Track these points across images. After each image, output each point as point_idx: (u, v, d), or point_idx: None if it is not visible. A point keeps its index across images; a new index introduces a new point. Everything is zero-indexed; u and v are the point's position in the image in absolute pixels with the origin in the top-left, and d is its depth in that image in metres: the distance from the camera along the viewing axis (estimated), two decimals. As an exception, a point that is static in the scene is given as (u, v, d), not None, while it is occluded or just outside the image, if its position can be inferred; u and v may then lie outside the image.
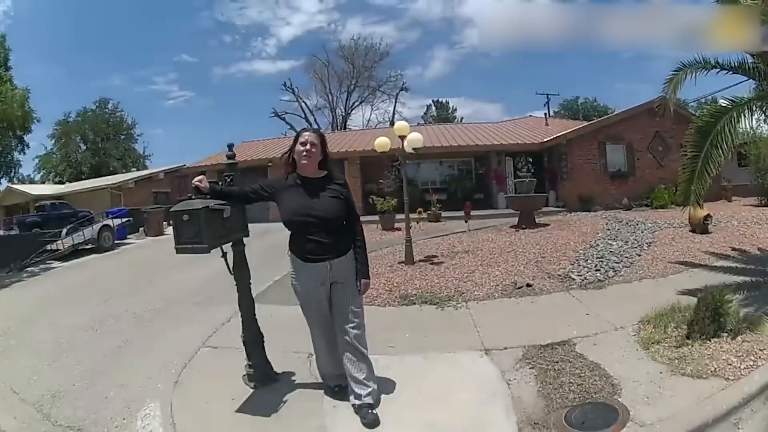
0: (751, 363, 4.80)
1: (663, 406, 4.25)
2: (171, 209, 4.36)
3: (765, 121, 21.31)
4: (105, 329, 7.53)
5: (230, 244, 4.85)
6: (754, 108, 7.60)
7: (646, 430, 3.96)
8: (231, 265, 4.95)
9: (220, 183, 4.73)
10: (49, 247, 16.59)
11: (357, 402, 4.37)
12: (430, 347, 6.01)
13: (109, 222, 19.68)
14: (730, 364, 4.82)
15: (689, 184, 7.62)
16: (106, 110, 55.71)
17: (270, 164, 23.80)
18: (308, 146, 4.23)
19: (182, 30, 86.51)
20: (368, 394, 4.36)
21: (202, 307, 7.86)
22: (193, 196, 4.27)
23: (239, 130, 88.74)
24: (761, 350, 5.02)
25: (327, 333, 4.56)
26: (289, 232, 4.39)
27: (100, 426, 4.49)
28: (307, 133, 4.35)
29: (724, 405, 4.16)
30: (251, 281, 5.16)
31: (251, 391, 4.93)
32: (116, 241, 19.29)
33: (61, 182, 45.67)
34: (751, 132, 20.10)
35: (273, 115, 52.68)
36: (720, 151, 7.17)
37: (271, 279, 9.52)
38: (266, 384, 5.03)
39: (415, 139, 11.27)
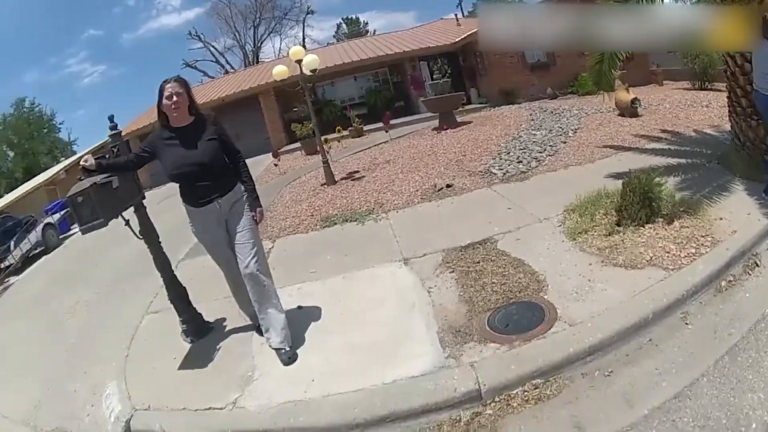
0: (693, 251, 4.38)
1: (594, 301, 3.93)
2: (66, 197, 4.49)
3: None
4: (64, 327, 7.23)
5: (132, 210, 4.87)
6: None
7: (577, 329, 3.59)
8: (138, 230, 4.96)
9: (107, 156, 4.55)
10: (2, 265, 15.61)
11: (271, 345, 4.41)
12: (351, 266, 5.88)
13: (50, 219, 18.78)
14: (668, 252, 4.43)
15: (600, 66, 7.18)
16: (24, 109, 51.74)
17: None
18: (174, 98, 4.12)
19: (83, 6, 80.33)
20: (278, 336, 4.35)
21: (143, 276, 7.40)
22: (82, 177, 4.21)
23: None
24: (703, 236, 4.60)
25: (234, 273, 4.55)
26: None
27: (76, 420, 4.47)
28: (169, 85, 4.17)
29: (665, 298, 3.78)
30: (182, 240, 5.60)
31: (189, 346, 5.02)
32: (62, 236, 18.51)
33: (0, 196, 42.66)
34: None
35: (184, 66, 50.25)
36: None
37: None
38: (202, 336, 5.13)
39: (310, 60, 10.82)
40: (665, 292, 3.82)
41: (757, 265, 4.24)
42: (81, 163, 4.08)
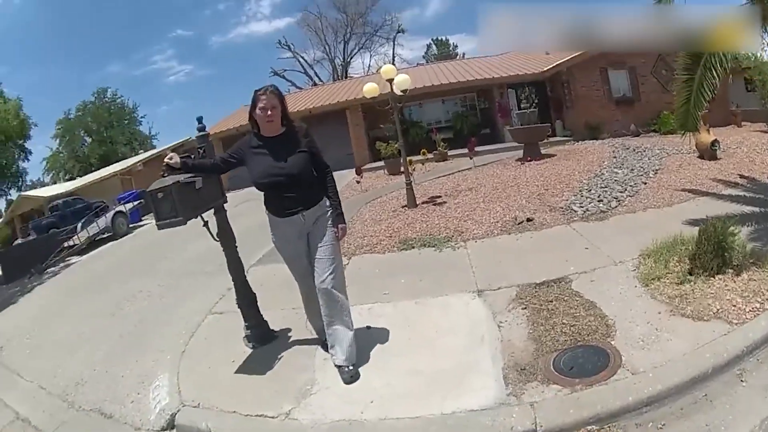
0: (758, 305, 4.27)
1: (659, 351, 3.91)
2: (146, 190, 4.54)
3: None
4: (121, 313, 7.53)
5: (212, 212, 4.96)
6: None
7: (638, 379, 3.61)
8: (216, 232, 5.06)
9: (192, 156, 4.71)
10: (66, 244, 16.35)
11: (335, 361, 4.38)
12: (425, 292, 5.88)
13: (121, 208, 19.53)
14: (735, 306, 4.34)
15: (687, 106, 7.16)
16: (106, 99, 53.81)
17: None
18: (269, 112, 4.13)
19: (174, 6, 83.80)
20: (343, 353, 4.32)
21: (211, 276, 7.72)
22: (165, 174, 4.27)
23: (243, 94, 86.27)
24: (768, 291, 4.46)
25: (309, 287, 4.54)
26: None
27: (118, 404, 4.63)
28: (264, 97, 4.16)
29: (725, 353, 3.74)
30: (256, 245, 5.56)
31: (250, 351, 5.06)
32: (131, 225, 19.19)
33: (72, 179, 44.28)
34: (753, 57, 18.55)
35: (272, 74, 50.77)
36: (714, 73, 6.54)
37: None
38: (265, 343, 5.15)
39: (402, 80, 10.85)
40: (727, 347, 3.79)
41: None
42: (165, 159, 4.22)
